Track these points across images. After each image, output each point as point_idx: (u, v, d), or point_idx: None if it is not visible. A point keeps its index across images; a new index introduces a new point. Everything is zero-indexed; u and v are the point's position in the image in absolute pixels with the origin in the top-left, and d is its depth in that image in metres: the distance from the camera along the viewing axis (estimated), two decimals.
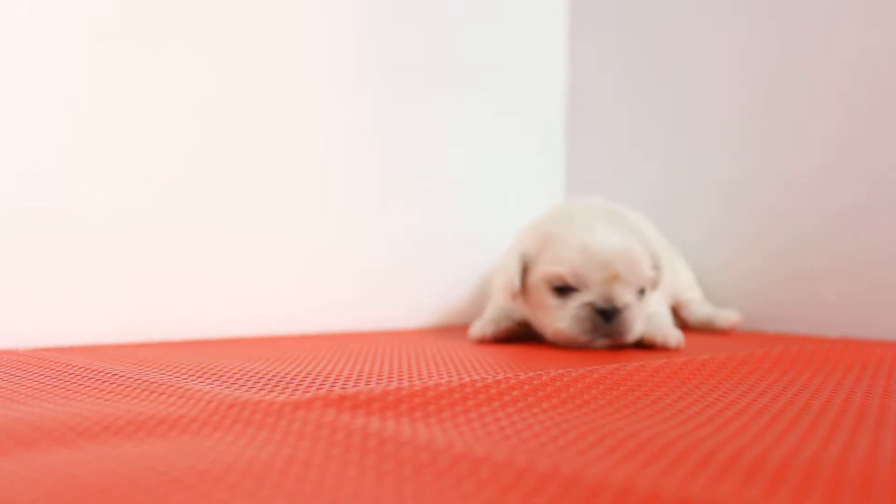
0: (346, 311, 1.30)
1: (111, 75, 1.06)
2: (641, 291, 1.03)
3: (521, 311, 1.12)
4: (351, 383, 0.69)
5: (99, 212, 1.05)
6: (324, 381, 0.70)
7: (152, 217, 1.10)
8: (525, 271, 1.06)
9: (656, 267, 1.07)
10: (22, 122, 1.00)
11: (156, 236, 1.10)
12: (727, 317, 1.29)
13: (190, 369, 0.76)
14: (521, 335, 1.13)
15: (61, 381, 0.70)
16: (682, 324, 1.32)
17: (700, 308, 1.33)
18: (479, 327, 1.12)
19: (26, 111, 1.00)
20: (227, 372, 0.75)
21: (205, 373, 0.74)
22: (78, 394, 0.64)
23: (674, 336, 1.03)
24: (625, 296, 1.00)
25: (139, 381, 0.68)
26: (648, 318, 1.07)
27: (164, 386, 0.65)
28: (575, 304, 1.00)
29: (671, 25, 1.52)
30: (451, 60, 1.46)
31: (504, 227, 1.42)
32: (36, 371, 0.76)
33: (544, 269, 1.02)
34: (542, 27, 1.65)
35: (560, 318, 1.01)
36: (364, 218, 1.33)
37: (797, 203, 1.33)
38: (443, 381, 0.65)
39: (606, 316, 0.99)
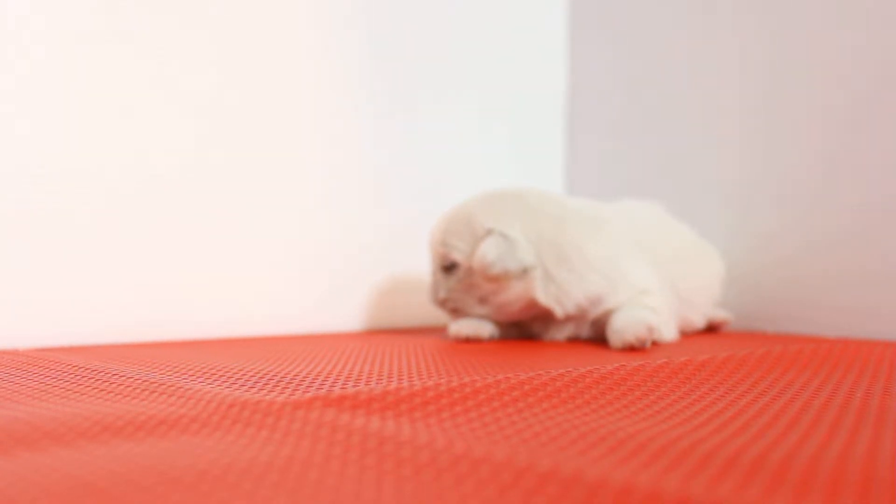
0: (346, 310, 1.30)
1: (111, 76, 1.06)
2: (448, 267, 1.10)
3: None
4: (351, 383, 0.69)
5: (99, 212, 1.05)
6: (324, 381, 0.70)
7: (152, 217, 1.10)
8: None
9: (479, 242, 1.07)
10: (21, 122, 1.00)
11: (156, 237, 1.10)
12: (720, 314, 1.29)
13: (190, 369, 0.76)
14: (512, 334, 1.14)
15: (61, 381, 0.70)
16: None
17: None
18: (455, 327, 1.13)
19: (25, 112, 1.00)
20: (227, 372, 0.75)
21: (205, 373, 0.74)
22: (78, 394, 0.64)
23: (630, 332, 0.99)
24: (436, 269, 1.13)
25: (139, 381, 0.68)
26: (618, 317, 1.05)
27: (164, 386, 0.65)
28: None
29: (672, 25, 1.52)
30: (451, 61, 1.46)
31: None
32: (36, 371, 0.76)
33: None
34: (541, 27, 1.65)
35: None
36: (364, 217, 1.33)
37: (799, 205, 1.33)
38: (443, 381, 0.65)
39: (431, 286, 1.14)
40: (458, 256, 1.09)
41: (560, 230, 1.09)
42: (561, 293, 1.08)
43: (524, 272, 1.06)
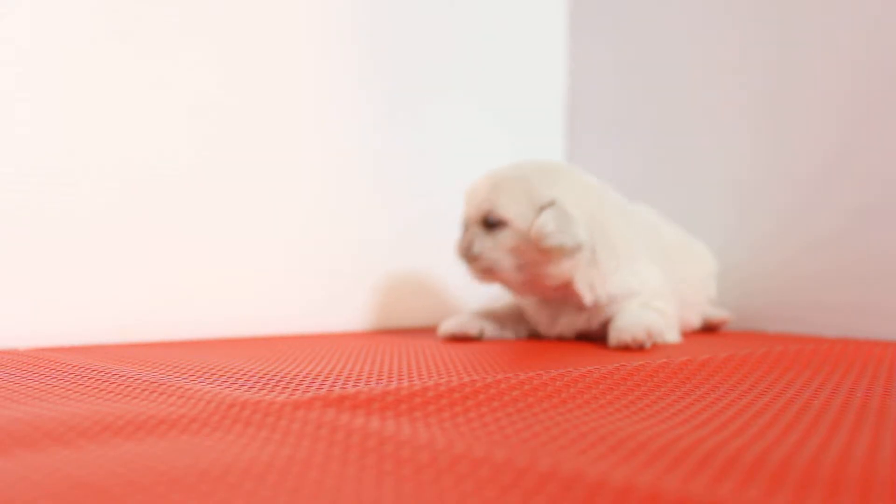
0: (346, 310, 1.30)
1: (111, 76, 1.06)
2: (490, 224, 1.07)
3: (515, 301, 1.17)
4: (351, 383, 0.69)
5: (99, 212, 1.05)
6: (324, 381, 0.70)
7: (153, 217, 1.10)
8: None
9: (539, 210, 1.05)
10: (22, 122, 1.00)
11: (156, 237, 1.10)
12: (719, 313, 1.30)
13: (190, 369, 0.76)
14: (508, 333, 1.14)
15: (61, 381, 0.70)
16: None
17: None
18: (444, 325, 1.13)
19: (25, 112, 1.00)
20: (227, 372, 0.75)
21: (205, 373, 0.74)
22: (78, 394, 0.64)
23: (627, 333, 1.00)
24: (470, 220, 1.10)
25: (139, 381, 0.68)
26: (621, 315, 1.05)
27: (164, 386, 0.65)
28: None
29: (672, 26, 1.52)
30: (451, 62, 1.46)
31: None
32: (36, 371, 0.76)
33: None
34: (541, 28, 1.65)
35: None
36: (365, 218, 1.33)
37: (799, 205, 1.33)
38: (443, 381, 0.65)
39: (462, 240, 1.11)
40: (509, 215, 1.05)
41: (606, 216, 1.09)
42: (598, 279, 1.07)
43: (575, 250, 1.04)
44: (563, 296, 1.10)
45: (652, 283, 1.11)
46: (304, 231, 1.26)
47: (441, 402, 0.58)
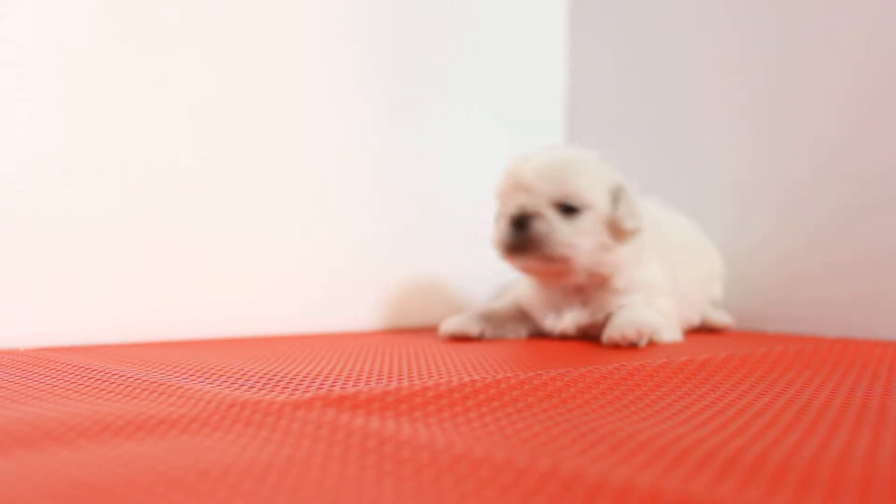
0: (347, 310, 1.30)
1: (111, 76, 1.06)
2: (567, 209, 1.04)
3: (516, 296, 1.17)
4: (351, 383, 0.69)
5: (98, 212, 1.05)
6: (324, 381, 0.70)
7: (153, 217, 1.10)
8: None
9: (616, 198, 1.06)
10: (22, 122, 1.00)
11: (157, 237, 1.10)
12: (721, 318, 1.30)
13: (190, 369, 0.76)
14: (508, 332, 1.14)
15: (61, 381, 0.70)
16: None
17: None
18: (444, 325, 1.13)
19: (25, 112, 1.00)
20: (227, 372, 0.75)
21: (205, 373, 0.74)
22: (78, 394, 0.64)
23: (618, 331, 0.99)
24: (536, 206, 1.04)
25: (139, 381, 0.68)
26: (619, 314, 1.06)
27: (164, 386, 0.65)
28: (503, 220, 1.07)
29: (672, 26, 1.52)
30: (451, 62, 1.46)
31: None
32: (36, 371, 0.76)
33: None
34: (541, 28, 1.65)
35: (494, 235, 1.09)
36: (366, 218, 1.33)
37: (798, 205, 1.33)
38: (443, 381, 0.65)
39: (519, 225, 1.03)
40: (591, 198, 1.04)
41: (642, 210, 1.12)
42: (631, 265, 1.08)
43: (640, 233, 1.07)
44: (592, 283, 1.10)
45: (658, 277, 1.12)
46: (304, 231, 1.26)
47: (441, 402, 0.58)
